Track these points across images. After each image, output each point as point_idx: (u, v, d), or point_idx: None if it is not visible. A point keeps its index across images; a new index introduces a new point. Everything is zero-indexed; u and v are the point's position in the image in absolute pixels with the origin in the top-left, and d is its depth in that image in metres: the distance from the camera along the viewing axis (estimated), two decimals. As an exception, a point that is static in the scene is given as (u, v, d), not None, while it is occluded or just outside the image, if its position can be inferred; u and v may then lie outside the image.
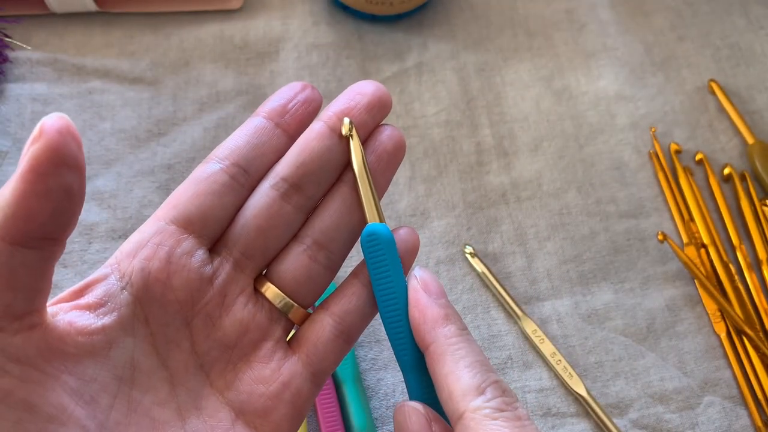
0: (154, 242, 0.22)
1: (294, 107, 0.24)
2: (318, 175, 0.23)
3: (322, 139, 0.23)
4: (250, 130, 0.24)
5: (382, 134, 0.24)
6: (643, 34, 0.45)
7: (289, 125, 0.24)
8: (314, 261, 0.24)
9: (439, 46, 0.44)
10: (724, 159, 0.41)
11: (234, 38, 0.43)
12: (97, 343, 0.20)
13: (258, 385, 0.23)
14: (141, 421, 0.21)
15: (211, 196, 0.22)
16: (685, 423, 0.34)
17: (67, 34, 0.42)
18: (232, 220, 0.23)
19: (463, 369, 0.21)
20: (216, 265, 0.23)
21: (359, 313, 0.24)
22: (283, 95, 0.24)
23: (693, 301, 0.37)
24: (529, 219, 0.39)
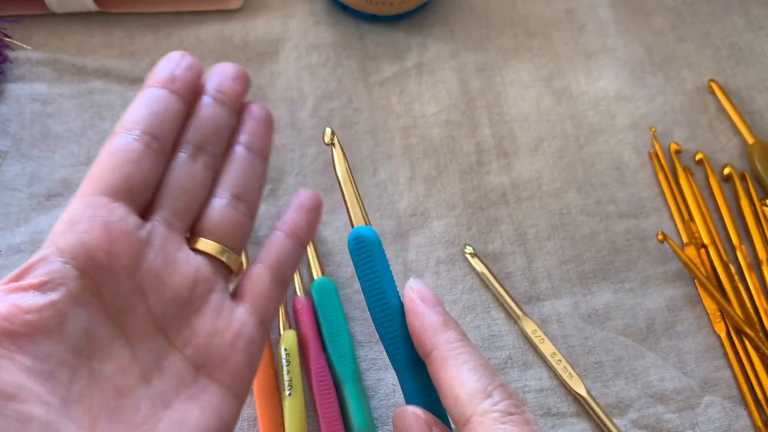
0: (88, 215, 0.23)
1: (180, 74, 0.26)
2: (214, 137, 0.26)
3: (210, 108, 0.26)
4: (148, 100, 0.25)
5: (253, 105, 0.28)
6: (643, 34, 0.45)
7: (181, 91, 0.26)
8: (237, 211, 0.26)
9: (439, 46, 0.44)
10: (724, 159, 0.41)
11: (234, 38, 0.43)
12: (47, 319, 0.21)
13: (214, 337, 0.24)
14: (105, 390, 0.21)
15: (129, 164, 0.24)
16: (685, 423, 0.34)
17: (68, 34, 0.42)
18: (156, 185, 0.25)
19: (467, 373, 0.21)
20: (150, 228, 0.24)
21: (290, 261, 0.26)
22: (167, 65, 0.26)
23: (693, 301, 0.37)
24: (529, 219, 0.39)
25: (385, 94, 0.42)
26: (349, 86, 0.42)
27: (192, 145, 0.26)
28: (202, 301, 0.24)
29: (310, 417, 0.33)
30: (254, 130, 0.27)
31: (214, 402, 0.23)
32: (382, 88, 0.42)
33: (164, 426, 0.22)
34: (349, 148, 0.40)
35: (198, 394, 0.23)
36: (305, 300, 0.35)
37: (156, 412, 0.22)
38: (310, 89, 0.42)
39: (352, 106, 0.42)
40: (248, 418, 0.33)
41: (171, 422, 0.22)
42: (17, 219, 0.37)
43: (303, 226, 0.27)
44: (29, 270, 0.21)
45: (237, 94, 0.27)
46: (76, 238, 0.22)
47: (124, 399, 0.22)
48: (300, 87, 0.42)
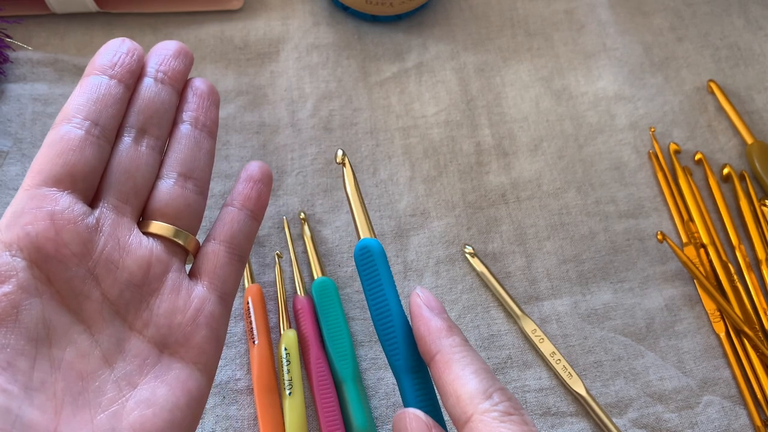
0: (31, 207, 0.23)
1: (119, 59, 0.26)
2: (157, 118, 0.26)
3: (152, 89, 0.26)
4: (88, 88, 0.25)
5: (195, 81, 0.28)
6: (643, 35, 0.45)
7: (121, 76, 0.26)
8: (186, 190, 0.26)
9: (439, 47, 0.44)
10: (724, 159, 0.41)
11: (234, 39, 0.43)
12: (1, 311, 0.21)
13: (174, 316, 0.24)
14: (67, 376, 0.22)
15: (71, 152, 0.24)
16: (685, 422, 0.34)
17: (68, 34, 0.42)
18: (102, 172, 0.25)
19: (469, 375, 0.22)
20: (98, 215, 0.24)
21: (244, 234, 0.27)
22: (107, 51, 0.26)
23: (692, 301, 0.37)
24: (529, 219, 0.39)
25: (385, 95, 0.42)
26: (349, 86, 0.42)
27: (135, 128, 0.26)
28: (158, 282, 0.24)
29: (310, 416, 0.33)
30: (198, 106, 0.27)
31: (180, 379, 0.23)
32: (382, 88, 0.42)
33: (132, 405, 0.22)
34: (349, 148, 0.40)
35: (164, 373, 0.23)
36: (305, 300, 0.35)
37: (122, 394, 0.22)
38: (310, 89, 0.42)
39: (352, 106, 0.42)
40: (248, 418, 0.33)
41: (138, 401, 0.22)
42: (18, 219, 0.37)
43: (253, 197, 0.27)
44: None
45: (178, 71, 0.27)
46: (21, 230, 0.22)
47: (87, 383, 0.22)
48: (300, 87, 0.42)
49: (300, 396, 0.32)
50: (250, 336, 0.34)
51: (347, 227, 0.38)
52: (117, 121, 0.25)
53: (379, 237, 0.38)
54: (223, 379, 0.34)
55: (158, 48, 0.27)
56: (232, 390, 0.33)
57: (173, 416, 0.22)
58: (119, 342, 0.23)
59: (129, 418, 0.22)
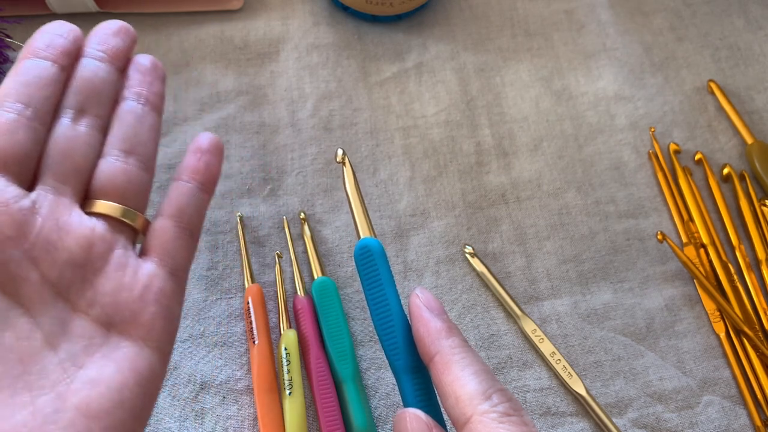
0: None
1: (55, 41, 0.26)
2: (97, 97, 0.26)
3: (91, 68, 0.26)
4: (20, 71, 0.25)
5: (137, 57, 0.28)
6: (643, 35, 0.45)
7: (56, 57, 0.25)
8: (128, 165, 0.25)
9: (438, 47, 0.44)
10: (723, 159, 0.41)
11: (234, 39, 0.43)
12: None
13: (120, 293, 0.23)
14: (6, 360, 0.21)
15: (2, 136, 0.23)
16: (684, 422, 0.34)
17: (68, 34, 0.42)
18: (39, 155, 0.24)
19: (469, 375, 0.22)
20: (35, 197, 0.24)
21: (193, 207, 0.26)
22: (42, 34, 0.26)
23: (692, 301, 0.37)
24: (529, 219, 0.39)
25: (385, 95, 0.42)
26: (349, 86, 0.42)
27: (72, 108, 0.25)
28: (101, 261, 0.24)
29: (310, 416, 0.33)
30: (140, 81, 0.27)
31: (129, 357, 0.23)
32: (382, 88, 0.42)
33: (77, 386, 0.22)
34: (349, 148, 0.40)
35: (111, 352, 0.23)
36: (305, 300, 0.35)
37: (67, 374, 0.22)
38: (310, 89, 0.42)
39: (352, 106, 0.42)
40: (248, 418, 0.33)
41: (84, 381, 0.22)
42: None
43: (201, 168, 0.26)
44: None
45: (119, 49, 0.27)
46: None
47: (28, 366, 0.22)
48: (300, 87, 0.42)
49: (300, 396, 0.32)
50: (250, 336, 0.34)
51: (347, 227, 0.38)
52: (52, 103, 0.25)
53: (379, 237, 0.38)
54: (223, 379, 0.34)
55: (98, 28, 0.27)
56: (232, 390, 0.33)
57: (122, 396, 0.22)
58: (63, 323, 0.23)
59: (74, 399, 0.21)
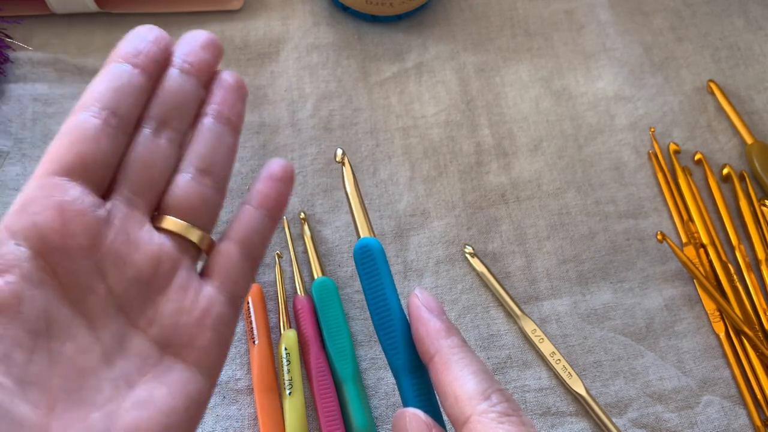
0: (40, 196, 0.22)
1: (144, 47, 0.25)
2: (179, 111, 0.25)
3: (177, 81, 0.25)
4: (109, 75, 0.24)
5: (223, 74, 0.27)
6: (642, 35, 0.45)
7: (145, 65, 0.25)
8: (203, 186, 0.25)
9: (438, 47, 0.44)
10: (723, 159, 0.41)
11: (234, 39, 0.43)
12: (2, 301, 0.21)
13: (179, 316, 0.23)
14: (65, 372, 0.21)
15: (86, 142, 0.23)
16: (684, 422, 0.34)
17: (69, 34, 0.42)
18: (118, 164, 0.24)
19: (468, 375, 0.22)
20: (110, 207, 0.23)
21: (260, 234, 0.26)
22: (133, 38, 0.25)
23: (692, 301, 0.37)
24: (529, 219, 0.39)
25: (385, 95, 0.42)
26: (349, 86, 0.42)
27: (155, 120, 0.25)
28: (166, 280, 0.23)
29: (310, 416, 0.33)
30: (223, 99, 0.26)
31: (181, 381, 0.23)
32: (382, 88, 0.42)
33: (128, 406, 0.21)
34: (349, 148, 0.40)
35: (164, 374, 0.23)
36: (305, 300, 0.35)
37: (119, 393, 0.22)
38: (310, 89, 0.42)
39: (352, 106, 0.42)
40: (248, 417, 0.33)
41: (135, 402, 0.22)
42: (18, 219, 0.37)
43: (272, 196, 0.26)
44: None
45: (206, 63, 0.26)
46: (28, 219, 0.22)
47: (85, 380, 0.21)
48: (300, 87, 0.42)
49: (300, 396, 0.32)
50: (250, 336, 0.34)
51: (347, 227, 0.38)
52: (137, 112, 0.24)
53: (379, 237, 0.38)
54: (223, 379, 0.34)
55: (187, 38, 0.26)
56: (232, 390, 0.33)
57: (169, 420, 0.22)
58: (121, 339, 0.23)
59: (124, 419, 0.21)
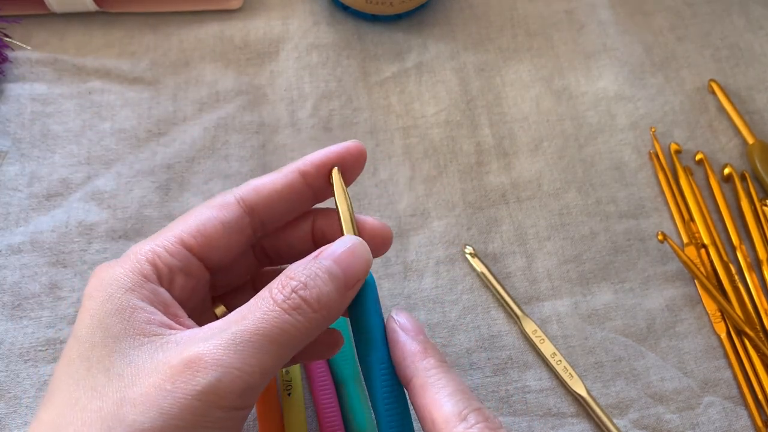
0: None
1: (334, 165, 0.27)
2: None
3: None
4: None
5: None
6: (643, 35, 0.45)
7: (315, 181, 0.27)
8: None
9: (438, 47, 0.44)
10: (724, 159, 0.41)
11: (234, 38, 0.43)
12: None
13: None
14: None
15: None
16: (686, 423, 0.34)
17: (67, 34, 0.42)
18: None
19: (445, 397, 0.22)
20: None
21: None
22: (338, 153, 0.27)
23: (693, 302, 0.37)
24: (529, 219, 0.39)
25: (385, 94, 0.42)
26: (349, 86, 0.42)
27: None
28: None
29: (310, 417, 0.33)
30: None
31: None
32: (382, 88, 0.42)
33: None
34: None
35: None
36: (305, 300, 0.35)
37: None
38: (310, 89, 0.42)
39: (352, 106, 0.42)
40: (248, 418, 0.33)
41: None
42: (17, 219, 0.37)
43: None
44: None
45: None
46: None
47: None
48: (300, 87, 0.42)
49: (299, 396, 0.32)
50: (250, 336, 0.34)
51: (347, 227, 0.38)
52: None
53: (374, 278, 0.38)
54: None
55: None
56: (231, 391, 0.33)
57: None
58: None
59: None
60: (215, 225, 0.24)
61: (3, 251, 0.36)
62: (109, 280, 0.22)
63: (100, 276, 0.23)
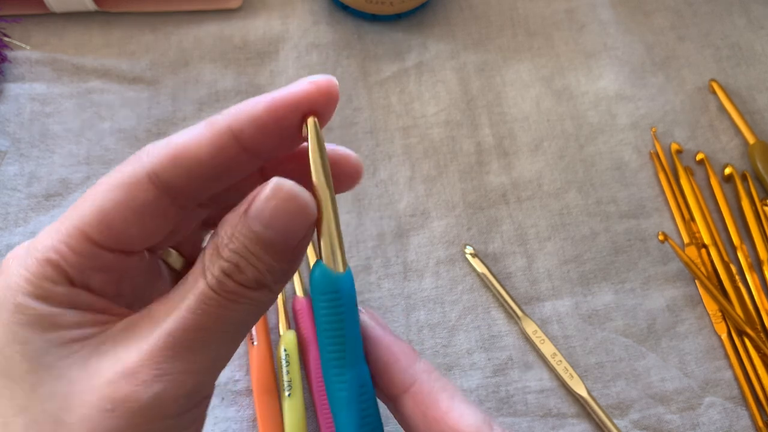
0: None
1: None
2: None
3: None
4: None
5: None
6: (644, 34, 0.45)
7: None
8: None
9: (438, 46, 0.44)
10: (725, 159, 0.41)
11: (233, 38, 0.43)
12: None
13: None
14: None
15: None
16: (686, 424, 0.34)
17: (67, 33, 0.42)
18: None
19: (461, 405, 0.20)
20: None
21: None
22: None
23: (694, 302, 0.37)
24: (530, 219, 0.39)
25: (385, 94, 0.42)
26: (349, 86, 0.42)
27: None
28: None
29: (310, 418, 0.33)
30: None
31: None
32: (382, 88, 0.42)
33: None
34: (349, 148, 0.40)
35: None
36: (305, 300, 0.35)
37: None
38: (309, 89, 0.42)
39: (352, 106, 0.41)
40: (248, 419, 0.33)
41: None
42: (16, 219, 0.37)
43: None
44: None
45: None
46: None
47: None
48: (300, 87, 0.42)
49: (299, 397, 0.32)
50: (249, 337, 0.33)
51: (346, 227, 0.38)
52: None
53: (379, 237, 0.38)
54: (222, 381, 0.33)
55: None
56: (231, 391, 0.33)
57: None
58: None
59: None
60: (121, 212, 0.18)
61: (2, 252, 0.36)
62: (8, 288, 0.18)
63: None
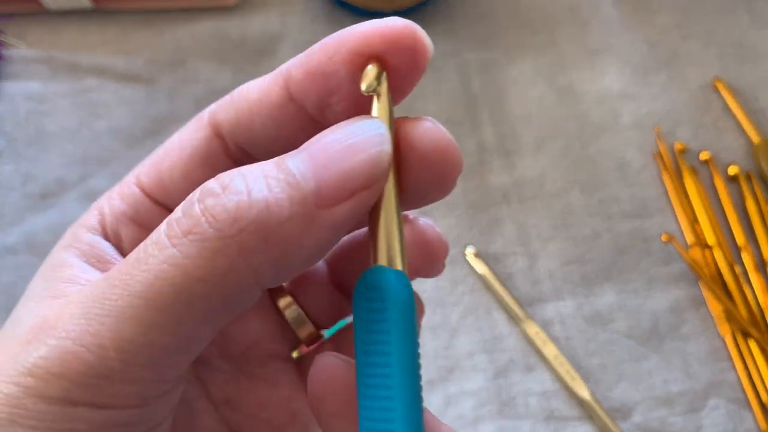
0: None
1: None
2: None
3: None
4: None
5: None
6: (647, 32, 0.45)
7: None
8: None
9: (440, 44, 0.43)
10: (729, 158, 0.41)
11: (231, 35, 0.43)
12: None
13: (261, 411, 0.19)
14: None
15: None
16: (690, 426, 0.34)
17: (62, 31, 0.42)
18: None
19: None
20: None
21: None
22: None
23: (697, 303, 0.37)
24: (532, 219, 0.38)
25: (385, 93, 0.42)
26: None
27: None
28: (257, 364, 0.20)
29: (309, 421, 0.32)
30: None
31: None
32: (382, 86, 0.42)
33: None
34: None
35: None
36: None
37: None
38: (309, 87, 0.41)
39: (351, 104, 0.41)
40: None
41: None
42: (11, 219, 0.36)
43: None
44: None
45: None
46: None
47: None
48: (299, 85, 0.42)
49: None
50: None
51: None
52: None
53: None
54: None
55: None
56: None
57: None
58: (189, 413, 0.20)
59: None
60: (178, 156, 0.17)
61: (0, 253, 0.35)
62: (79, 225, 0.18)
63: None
